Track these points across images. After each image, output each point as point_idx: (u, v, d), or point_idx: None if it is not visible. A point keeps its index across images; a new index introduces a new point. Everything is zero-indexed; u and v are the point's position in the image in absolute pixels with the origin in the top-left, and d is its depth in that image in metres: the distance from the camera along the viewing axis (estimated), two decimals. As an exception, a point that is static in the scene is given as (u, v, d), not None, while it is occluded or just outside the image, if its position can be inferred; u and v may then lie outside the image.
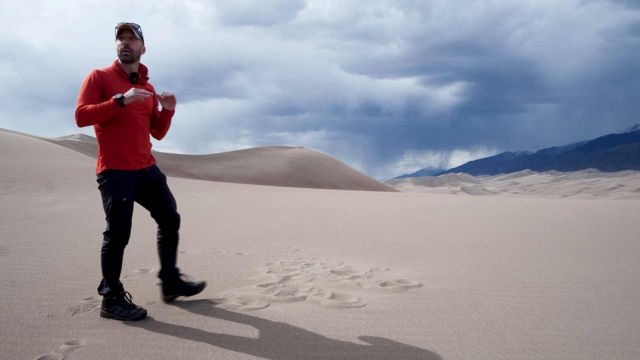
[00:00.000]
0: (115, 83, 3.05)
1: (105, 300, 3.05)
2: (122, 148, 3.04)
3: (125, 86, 3.06)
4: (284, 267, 4.46)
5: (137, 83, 3.13)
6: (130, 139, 3.07)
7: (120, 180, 3.02)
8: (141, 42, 3.10)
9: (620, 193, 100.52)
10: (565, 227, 7.93)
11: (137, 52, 3.08)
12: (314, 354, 2.54)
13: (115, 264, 3.07)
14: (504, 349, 2.65)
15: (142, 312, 3.01)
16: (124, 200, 3.02)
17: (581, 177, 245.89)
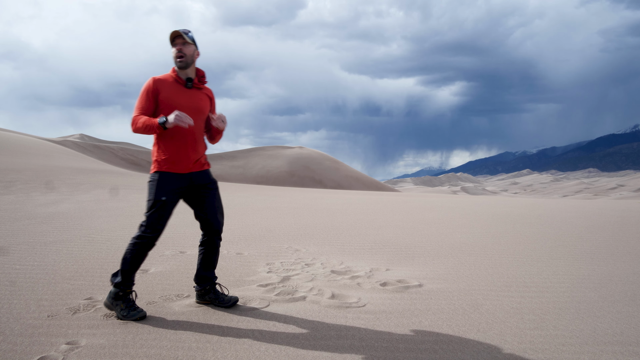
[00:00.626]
0: (171, 89, 3.10)
1: (113, 292, 3.06)
2: (173, 152, 3.10)
3: (181, 92, 3.12)
4: (284, 267, 4.46)
5: (192, 88, 3.17)
6: (182, 144, 3.11)
7: (165, 180, 3.09)
8: (194, 46, 3.14)
9: (620, 193, 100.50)
10: (565, 227, 7.93)
11: (191, 57, 3.12)
12: (314, 354, 2.54)
13: (137, 259, 3.10)
14: (504, 349, 2.65)
15: (141, 315, 3.01)
16: (163, 200, 3.07)
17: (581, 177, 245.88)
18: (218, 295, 3.32)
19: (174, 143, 3.10)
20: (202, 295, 3.34)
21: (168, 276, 4.08)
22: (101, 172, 18.85)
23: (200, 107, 3.18)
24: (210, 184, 3.29)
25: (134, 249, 3.10)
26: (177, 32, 3.06)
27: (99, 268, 4.31)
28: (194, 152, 3.17)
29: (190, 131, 3.12)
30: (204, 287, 3.33)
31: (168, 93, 3.08)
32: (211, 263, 3.38)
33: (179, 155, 3.11)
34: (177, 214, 9.25)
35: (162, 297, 3.46)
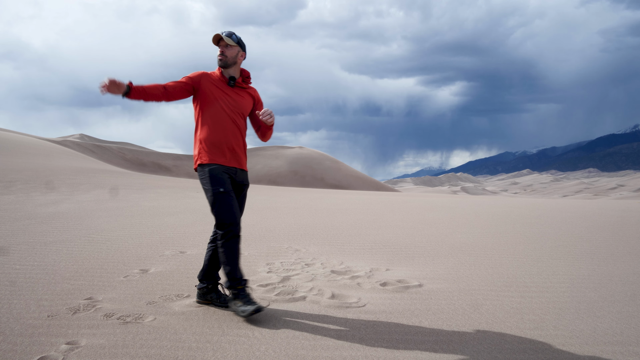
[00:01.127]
0: (214, 84, 3.23)
1: (231, 295, 3.12)
2: (212, 142, 3.18)
3: (223, 88, 3.23)
4: (284, 267, 4.46)
5: (234, 87, 3.28)
6: (220, 136, 3.18)
7: (216, 171, 3.14)
8: (238, 48, 3.24)
9: (620, 193, 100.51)
10: (565, 227, 7.93)
11: (232, 58, 3.22)
12: (314, 354, 2.54)
13: (232, 256, 3.09)
14: (504, 349, 2.65)
15: (257, 307, 2.97)
16: (222, 191, 3.10)
17: (581, 177, 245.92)
18: (220, 295, 3.33)
19: (213, 135, 3.18)
20: (204, 294, 3.34)
21: (168, 276, 4.08)
22: (101, 172, 18.85)
23: (241, 105, 3.28)
24: (245, 185, 3.37)
25: (223, 250, 3.11)
26: (219, 35, 3.19)
27: (99, 268, 4.31)
28: (234, 143, 3.23)
29: (229, 127, 3.20)
30: (206, 285, 3.33)
31: (211, 87, 3.21)
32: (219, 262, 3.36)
33: (219, 146, 3.18)
34: (177, 214, 9.28)
35: (162, 297, 3.46)
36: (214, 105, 3.19)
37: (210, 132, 3.19)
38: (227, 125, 3.20)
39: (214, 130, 3.19)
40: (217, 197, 3.09)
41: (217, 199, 3.09)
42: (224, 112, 3.21)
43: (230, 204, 3.11)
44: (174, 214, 8.58)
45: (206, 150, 3.18)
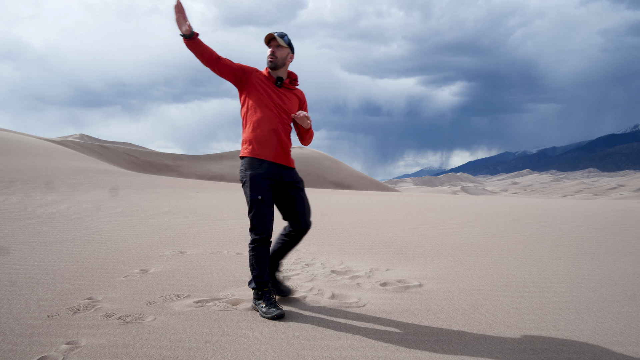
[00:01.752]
0: (262, 83, 3.26)
1: (254, 294, 3.21)
2: (259, 139, 3.21)
3: (270, 87, 3.26)
4: (284, 267, 4.46)
5: (281, 87, 3.30)
6: (267, 134, 3.21)
7: (257, 179, 3.17)
8: (288, 49, 3.27)
9: (620, 193, 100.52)
10: (565, 227, 7.93)
11: (282, 59, 3.25)
12: (314, 354, 2.54)
13: (260, 261, 3.18)
14: (504, 349, 2.65)
15: (279, 313, 3.04)
16: (259, 198, 3.14)
17: (581, 177, 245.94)
18: (276, 283, 3.44)
19: (262, 128, 3.21)
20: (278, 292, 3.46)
21: (168, 276, 4.08)
22: (101, 172, 18.85)
23: (287, 106, 3.31)
24: (298, 182, 3.35)
25: (253, 254, 3.19)
26: (272, 35, 3.20)
27: (99, 268, 4.31)
28: (280, 141, 3.25)
29: (274, 124, 3.22)
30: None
31: (260, 84, 3.25)
32: (285, 253, 3.48)
33: (266, 139, 3.20)
34: (177, 214, 9.28)
35: (162, 297, 3.46)
36: (261, 102, 3.22)
37: (258, 129, 3.21)
38: (274, 125, 3.22)
39: (261, 127, 3.21)
40: (254, 204, 3.15)
41: (254, 206, 3.15)
42: (271, 111, 3.23)
43: (265, 213, 3.16)
44: (174, 214, 8.58)
45: (253, 146, 3.21)
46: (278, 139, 3.23)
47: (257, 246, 3.17)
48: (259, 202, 3.14)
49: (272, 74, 3.29)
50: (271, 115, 3.23)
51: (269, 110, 3.23)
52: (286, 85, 3.31)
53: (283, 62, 3.25)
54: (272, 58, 3.22)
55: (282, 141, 3.26)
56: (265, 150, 3.19)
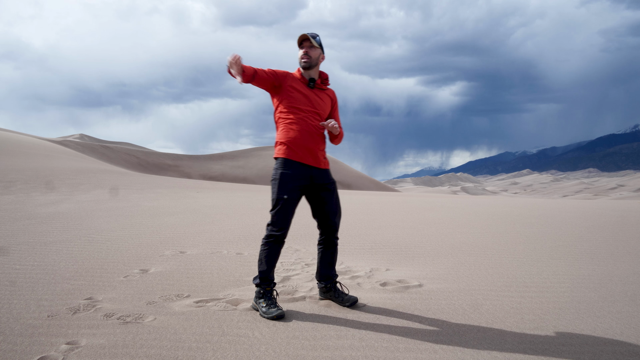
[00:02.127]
0: (296, 85, 3.31)
1: (256, 291, 3.24)
2: (292, 142, 3.25)
3: (303, 89, 3.31)
4: (284, 267, 4.46)
5: (314, 88, 3.35)
6: (301, 136, 3.25)
7: (286, 179, 3.22)
8: (320, 50, 3.32)
9: (620, 193, 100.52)
10: (565, 227, 7.93)
11: (315, 60, 3.30)
12: (314, 354, 2.54)
13: (270, 258, 3.24)
14: (504, 349, 2.65)
15: (279, 313, 3.06)
16: (285, 198, 3.19)
17: (581, 177, 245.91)
18: (339, 294, 3.43)
19: (295, 130, 3.25)
20: (325, 292, 3.46)
21: (168, 276, 4.08)
22: (101, 172, 18.85)
23: (320, 106, 3.36)
24: (329, 184, 3.38)
25: (265, 248, 3.26)
26: (306, 36, 3.25)
27: (99, 268, 4.31)
28: (313, 143, 3.28)
29: (310, 127, 3.27)
30: (326, 285, 3.45)
31: (293, 87, 3.29)
32: (330, 261, 3.48)
33: (300, 140, 3.24)
34: (177, 214, 9.27)
35: (162, 297, 3.46)
36: (295, 105, 3.26)
37: (291, 131, 3.25)
38: (307, 126, 3.27)
39: (295, 129, 3.25)
40: (279, 202, 3.20)
41: (278, 204, 3.20)
42: (304, 113, 3.28)
43: (288, 212, 3.22)
44: (174, 214, 8.58)
45: (286, 147, 3.25)
46: (311, 141, 3.27)
47: (270, 241, 3.23)
48: (284, 201, 3.19)
49: (305, 74, 3.34)
50: (304, 117, 3.28)
51: (303, 112, 3.28)
52: (318, 85, 3.37)
53: (316, 62, 3.31)
54: (306, 58, 3.27)
55: (315, 143, 3.29)
56: (298, 152, 3.24)
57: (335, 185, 3.43)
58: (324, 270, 3.46)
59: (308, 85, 3.32)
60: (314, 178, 3.28)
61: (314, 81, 3.33)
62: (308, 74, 3.33)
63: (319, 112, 3.34)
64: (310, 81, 3.32)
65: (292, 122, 3.26)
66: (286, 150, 3.24)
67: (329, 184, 3.36)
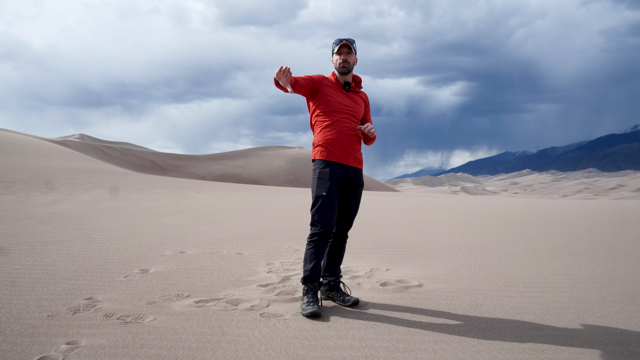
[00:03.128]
0: (332, 89, 3.40)
1: (303, 288, 3.31)
2: (331, 144, 3.33)
3: (339, 93, 3.40)
4: (284, 267, 4.47)
5: (349, 91, 3.45)
6: (338, 138, 3.33)
7: (325, 176, 3.29)
8: (355, 54, 3.42)
9: (620, 193, 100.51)
10: (565, 227, 7.93)
11: (352, 65, 3.42)
12: (314, 354, 2.54)
13: (315, 256, 3.29)
14: (504, 349, 2.65)
15: (313, 311, 3.11)
16: (324, 194, 3.26)
17: (581, 177, 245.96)
18: (341, 294, 3.45)
19: (329, 134, 3.34)
20: (327, 290, 3.49)
21: (168, 276, 4.08)
22: (101, 172, 18.85)
23: (356, 108, 3.45)
24: (360, 185, 3.47)
25: (309, 247, 3.32)
26: (346, 43, 3.34)
27: (99, 268, 4.31)
28: (350, 144, 3.37)
29: (347, 129, 3.35)
30: (328, 282, 3.48)
31: (329, 91, 3.38)
32: (337, 257, 3.52)
33: (336, 142, 3.32)
34: (177, 214, 9.26)
35: (162, 297, 3.46)
36: (332, 108, 3.35)
37: (329, 134, 3.33)
38: (344, 128, 3.35)
39: (332, 132, 3.33)
40: (319, 200, 3.27)
41: (318, 201, 3.27)
42: (341, 115, 3.36)
43: (329, 209, 3.27)
44: (174, 214, 8.58)
45: (324, 149, 3.33)
46: (348, 142, 3.35)
47: (314, 240, 3.29)
48: (324, 197, 3.26)
49: (340, 78, 3.43)
50: (341, 119, 3.36)
51: (339, 115, 3.36)
52: (353, 88, 3.46)
53: (352, 67, 3.42)
54: (345, 64, 3.36)
55: (352, 144, 3.38)
56: (336, 153, 3.32)
57: (362, 187, 3.54)
58: (330, 265, 3.50)
59: (343, 89, 3.42)
60: (350, 176, 3.39)
61: (349, 85, 3.43)
62: (343, 78, 3.43)
63: (355, 115, 3.44)
64: (345, 85, 3.42)
65: (330, 124, 3.34)
66: (325, 152, 3.33)
67: (359, 185, 3.47)
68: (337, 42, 3.35)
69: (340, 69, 3.39)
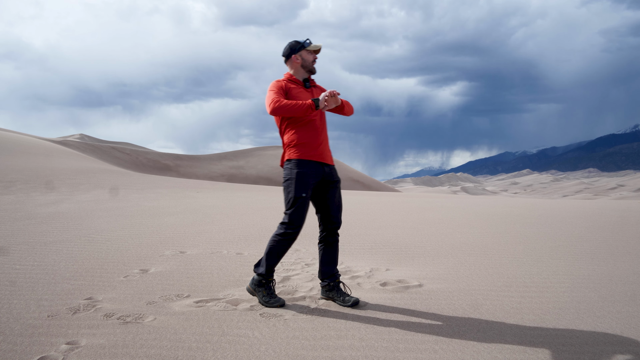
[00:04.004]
0: (296, 89, 3.45)
1: (257, 280, 3.36)
2: (306, 137, 3.35)
3: (304, 91, 3.47)
4: (284, 267, 4.46)
5: (309, 87, 3.51)
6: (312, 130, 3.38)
7: (302, 177, 3.31)
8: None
9: (620, 193, 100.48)
10: (565, 227, 7.93)
11: None
12: (314, 354, 2.54)
13: (280, 253, 3.36)
14: (504, 349, 2.65)
15: (280, 303, 3.28)
16: (304, 196, 3.29)
17: (581, 177, 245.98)
18: (341, 294, 3.46)
19: (305, 130, 3.36)
20: (327, 291, 3.49)
21: (168, 276, 4.08)
22: (101, 172, 18.85)
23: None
24: (336, 182, 3.50)
25: (276, 245, 3.34)
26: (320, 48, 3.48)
27: (99, 268, 4.31)
28: (324, 142, 3.45)
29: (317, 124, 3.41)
30: (328, 283, 3.48)
31: (296, 91, 3.44)
32: (331, 258, 3.52)
33: (311, 140, 3.36)
34: (177, 214, 9.26)
35: (162, 297, 3.46)
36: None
37: (301, 132, 3.36)
38: (315, 124, 3.40)
39: (304, 129, 3.36)
40: (298, 201, 3.29)
41: (297, 202, 3.29)
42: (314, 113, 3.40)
43: (305, 210, 3.32)
44: (174, 214, 8.58)
45: (300, 143, 3.35)
46: (320, 139, 3.40)
47: (285, 239, 3.32)
48: (303, 199, 3.29)
49: (300, 77, 3.50)
50: (314, 116, 3.40)
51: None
52: (312, 84, 3.55)
53: None
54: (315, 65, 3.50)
55: (323, 140, 3.43)
56: (311, 152, 3.35)
57: (340, 183, 3.55)
58: (326, 267, 3.49)
59: (304, 86, 3.48)
60: (325, 175, 3.40)
61: (308, 81, 3.51)
62: (303, 76, 3.50)
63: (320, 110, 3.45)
64: (305, 82, 3.50)
65: (306, 123, 3.36)
66: (300, 151, 3.34)
67: (336, 182, 3.48)
68: (309, 44, 3.44)
69: (313, 70, 3.49)
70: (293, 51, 3.46)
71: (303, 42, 3.46)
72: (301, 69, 3.48)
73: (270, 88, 3.38)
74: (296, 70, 3.49)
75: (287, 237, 3.32)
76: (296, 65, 3.47)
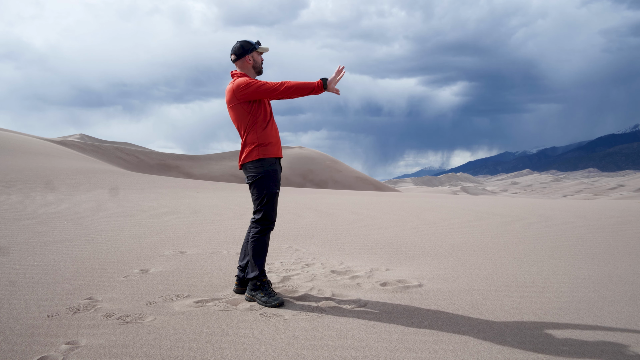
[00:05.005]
0: None
1: (251, 285, 3.38)
2: (269, 139, 3.42)
3: None
4: (284, 267, 4.47)
5: None
6: (273, 132, 3.47)
7: (274, 174, 3.40)
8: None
9: (620, 193, 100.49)
10: (565, 227, 7.93)
11: None
12: (314, 354, 2.54)
13: (265, 249, 3.42)
14: (504, 349, 2.65)
15: (280, 301, 3.29)
16: (277, 192, 3.41)
17: (581, 177, 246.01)
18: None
19: (271, 128, 3.45)
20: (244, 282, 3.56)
21: (168, 276, 4.08)
22: (101, 172, 18.85)
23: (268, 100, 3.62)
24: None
25: (257, 244, 3.40)
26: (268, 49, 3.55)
27: (99, 268, 4.31)
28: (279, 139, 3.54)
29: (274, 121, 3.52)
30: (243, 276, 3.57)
31: None
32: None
33: (277, 139, 3.48)
34: (177, 214, 9.25)
35: (162, 297, 3.46)
36: (262, 104, 3.45)
37: (266, 130, 3.42)
38: (273, 122, 3.51)
39: (271, 128, 3.45)
40: (273, 197, 3.38)
41: (272, 199, 3.38)
42: (269, 109, 3.51)
43: (276, 205, 3.43)
44: (174, 214, 8.58)
45: (266, 147, 3.40)
46: (278, 136, 3.52)
47: (263, 235, 3.40)
48: (276, 195, 3.40)
49: (251, 76, 3.53)
50: (271, 114, 3.51)
51: (268, 111, 3.51)
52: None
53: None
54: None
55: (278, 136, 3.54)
56: (276, 149, 3.46)
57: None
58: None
59: None
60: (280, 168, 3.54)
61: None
62: (252, 76, 3.54)
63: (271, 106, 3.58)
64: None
65: (270, 122, 3.46)
66: (270, 149, 3.41)
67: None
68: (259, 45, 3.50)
69: (261, 69, 3.56)
70: (246, 52, 3.48)
71: (254, 43, 3.50)
72: (252, 70, 3.53)
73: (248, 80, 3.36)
74: (247, 70, 3.52)
75: (266, 232, 3.40)
76: (247, 66, 3.51)
